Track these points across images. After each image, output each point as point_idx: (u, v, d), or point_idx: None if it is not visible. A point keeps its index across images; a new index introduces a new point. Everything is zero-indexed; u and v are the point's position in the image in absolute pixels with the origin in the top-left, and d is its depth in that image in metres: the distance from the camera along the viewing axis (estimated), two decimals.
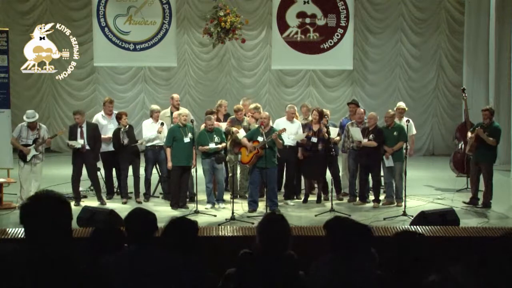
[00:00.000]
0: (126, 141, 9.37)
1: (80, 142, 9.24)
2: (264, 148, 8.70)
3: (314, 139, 9.34)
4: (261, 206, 8.84)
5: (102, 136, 9.62)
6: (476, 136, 9.04)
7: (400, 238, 3.28)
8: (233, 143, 9.52)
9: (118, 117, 9.60)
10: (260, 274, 3.28)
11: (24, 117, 9.18)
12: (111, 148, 9.67)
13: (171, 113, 10.16)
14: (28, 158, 9.06)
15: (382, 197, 9.52)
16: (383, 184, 9.71)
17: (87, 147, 9.31)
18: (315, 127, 9.41)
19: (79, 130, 9.33)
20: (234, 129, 9.58)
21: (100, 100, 13.38)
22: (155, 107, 10.09)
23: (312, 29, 13.18)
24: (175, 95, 10.61)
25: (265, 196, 8.88)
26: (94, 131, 9.43)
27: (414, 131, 10.14)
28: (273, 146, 8.89)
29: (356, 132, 9.39)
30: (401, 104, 10.28)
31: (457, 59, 15.12)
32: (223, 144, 9.24)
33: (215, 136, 9.12)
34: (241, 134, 9.39)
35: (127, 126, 9.53)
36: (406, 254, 3.13)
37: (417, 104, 15.32)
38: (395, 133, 9.38)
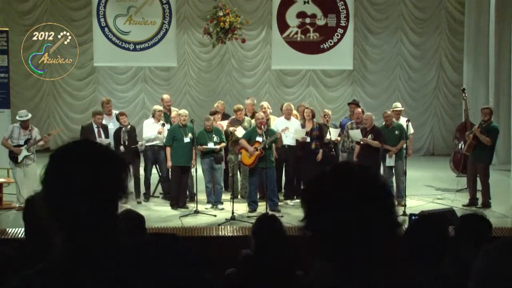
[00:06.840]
0: (126, 140, 9.36)
1: (107, 141, 9.26)
2: (264, 148, 8.71)
3: (307, 139, 9.34)
4: (262, 206, 8.84)
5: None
6: (473, 135, 9.07)
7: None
8: (234, 143, 9.52)
9: (118, 118, 9.61)
10: (259, 274, 3.28)
11: (17, 117, 9.17)
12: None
13: (164, 113, 10.15)
14: (20, 158, 8.97)
15: None
16: None
17: None
18: (308, 126, 9.40)
19: (96, 130, 9.36)
20: (231, 129, 9.58)
21: (100, 100, 13.37)
22: (158, 107, 10.07)
23: (312, 29, 13.17)
24: (165, 96, 10.53)
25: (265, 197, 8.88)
26: (107, 132, 9.52)
27: (412, 131, 10.16)
28: (271, 146, 8.90)
29: (356, 134, 9.38)
30: (397, 105, 10.30)
31: (457, 59, 15.11)
32: (222, 144, 9.23)
33: (214, 136, 9.13)
34: (239, 131, 9.39)
35: (129, 126, 9.52)
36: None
37: (417, 104, 15.33)
38: (396, 132, 9.39)
